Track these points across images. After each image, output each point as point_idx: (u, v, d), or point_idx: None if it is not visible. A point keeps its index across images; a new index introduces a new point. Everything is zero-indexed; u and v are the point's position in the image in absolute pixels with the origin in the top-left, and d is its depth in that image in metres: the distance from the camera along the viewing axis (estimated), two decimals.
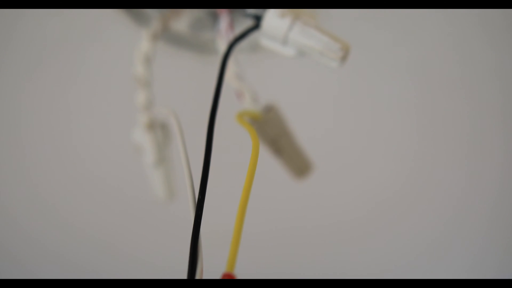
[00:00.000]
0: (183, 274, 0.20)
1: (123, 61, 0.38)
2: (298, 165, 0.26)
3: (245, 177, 0.18)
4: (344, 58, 0.21)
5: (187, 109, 0.39)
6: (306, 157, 0.26)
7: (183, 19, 0.32)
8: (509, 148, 0.44)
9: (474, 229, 0.48)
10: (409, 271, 0.50)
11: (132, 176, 0.40)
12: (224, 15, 0.26)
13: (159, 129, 0.26)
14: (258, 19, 0.23)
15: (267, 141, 0.25)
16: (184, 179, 0.18)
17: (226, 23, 0.25)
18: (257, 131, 0.25)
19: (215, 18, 0.35)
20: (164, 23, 0.28)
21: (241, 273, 0.18)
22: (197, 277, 0.16)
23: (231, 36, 0.25)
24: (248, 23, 0.25)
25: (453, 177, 0.45)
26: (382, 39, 0.37)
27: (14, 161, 0.42)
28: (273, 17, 0.22)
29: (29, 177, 0.43)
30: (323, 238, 0.49)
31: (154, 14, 0.34)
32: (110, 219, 0.46)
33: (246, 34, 0.22)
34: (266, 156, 0.27)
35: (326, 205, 0.47)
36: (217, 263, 0.21)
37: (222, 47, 0.25)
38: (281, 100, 0.33)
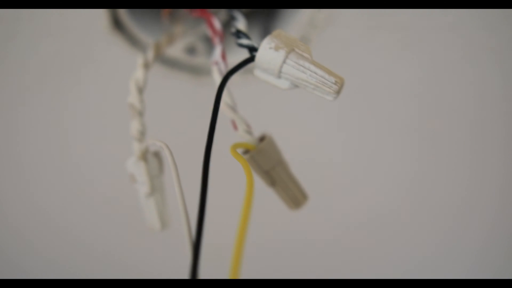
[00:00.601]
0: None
1: (116, 83, 0.38)
2: (293, 196, 0.26)
3: (241, 215, 0.18)
4: (339, 91, 0.22)
5: (182, 131, 0.39)
6: (301, 188, 0.26)
7: (177, 45, 0.32)
8: (509, 170, 0.44)
9: (469, 249, 0.49)
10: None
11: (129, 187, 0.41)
12: (217, 44, 0.26)
13: (152, 158, 0.26)
14: (252, 50, 0.23)
15: (261, 172, 0.25)
16: (180, 217, 0.17)
17: (219, 52, 0.25)
18: (251, 163, 0.25)
19: (208, 43, 0.36)
20: (157, 51, 0.28)
21: None
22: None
23: (223, 66, 0.25)
24: (242, 52, 0.25)
25: (451, 199, 0.46)
26: (384, 60, 0.38)
27: (15, 179, 0.43)
28: (267, 50, 0.22)
29: (31, 192, 0.45)
30: (320, 254, 0.50)
31: (147, 40, 0.34)
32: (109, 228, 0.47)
33: (240, 67, 0.22)
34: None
35: (325, 221, 0.48)
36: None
37: (216, 75, 0.25)
38: (277, 122, 0.33)
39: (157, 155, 0.26)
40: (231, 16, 0.27)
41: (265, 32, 0.38)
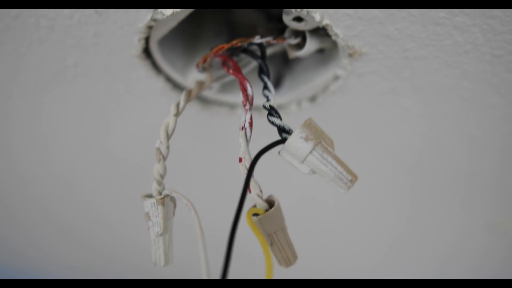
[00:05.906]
0: None
1: (132, 103, 0.39)
2: (286, 256, 0.29)
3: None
4: (350, 188, 0.25)
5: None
6: (294, 250, 0.29)
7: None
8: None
9: None
10: None
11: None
12: (247, 110, 0.28)
13: (169, 202, 0.28)
14: (282, 131, 0.26)
15: (264, 234, 0.27)
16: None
17: (248, 120, 0.28)
18: (257, 225, 0.27)
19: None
20: (188, 98, 0.30)
21: None
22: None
23: (249, 132, 0.28)
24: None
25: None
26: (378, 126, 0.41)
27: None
28: (298, 138, 0.24)
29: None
30: None
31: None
32: None
33: (271, 147, 0.25)
34: None
35: None
36: None
37: (241, 140, 0.27)
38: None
39: (173, 199, 0.28)
40: (263, 82, 0.29)
41: (277, 77, 0.40)
